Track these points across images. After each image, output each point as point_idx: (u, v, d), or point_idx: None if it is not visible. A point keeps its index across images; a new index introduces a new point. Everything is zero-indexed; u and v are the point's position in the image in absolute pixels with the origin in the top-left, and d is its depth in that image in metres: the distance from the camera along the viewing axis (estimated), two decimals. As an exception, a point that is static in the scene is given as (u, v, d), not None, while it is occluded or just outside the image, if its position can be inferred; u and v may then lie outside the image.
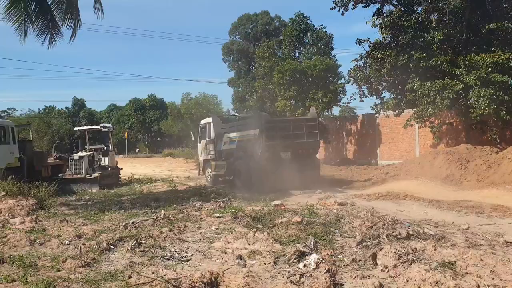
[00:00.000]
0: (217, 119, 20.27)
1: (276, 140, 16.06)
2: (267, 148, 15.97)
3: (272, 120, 18.15)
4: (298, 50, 30.20)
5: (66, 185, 17.78)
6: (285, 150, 16.34)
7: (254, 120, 17.33)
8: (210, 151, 20.04)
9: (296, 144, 16.46)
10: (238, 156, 17.61)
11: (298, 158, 16.37)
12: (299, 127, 16.84)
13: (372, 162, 27.04)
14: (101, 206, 13.22)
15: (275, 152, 16.12)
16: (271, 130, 16.26)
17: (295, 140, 16.41)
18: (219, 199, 12.67)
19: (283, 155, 16.34)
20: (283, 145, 16.22)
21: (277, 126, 16.87)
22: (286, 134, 16.35)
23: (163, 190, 17.27)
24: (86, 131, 21.12)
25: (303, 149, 16.76)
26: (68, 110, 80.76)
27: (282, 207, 10.58)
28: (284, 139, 16.22)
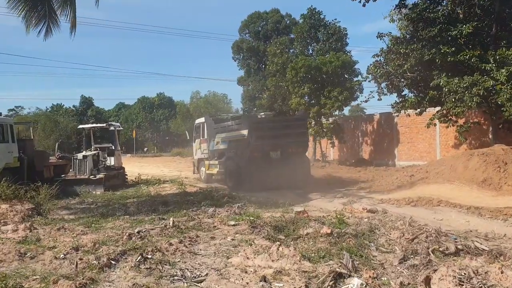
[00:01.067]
0: (210, 119, 20.43)
1: (265, 140, 16.38)
2: (256, 148, 16.33)
3: (261, 120, 18.25)
4: (311, 46, 28.98)
5: (69, 187, 16.81)
6: (274, 149, 16.60)
7: (243, 120, 17.53)
8: (203, 151, 20.56)
9: (285, 144, 16.67)
10: (229, 156, 17.80)
11: (288, 157, 16.62)
12: (288, 126, 17.29)
13: (389, 163, 25.88)
14: (104, 210, 12.18)
15: (265, 152, 16.47)
16: (259, 130, 16.48)
17: (284, 139, 16.64)
18: (233, 204, 11.56)
19: (273, 154, 16.62)
20: (273, 145, 16.52)
21: (265, 126, 17.08)
22: (275, 134, 16.63)
23: (172, 193, 16.19)
24: (91, 129, 20.10)
25: (293, 148, 16.95)
26: (76, 108, 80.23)
27: (305, 215, 9.44)
28: (273, 138, 16.53)
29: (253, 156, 16.39)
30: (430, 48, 17.10)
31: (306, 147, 18.05)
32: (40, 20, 12.57)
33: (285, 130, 16.91)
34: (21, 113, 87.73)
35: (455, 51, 16.51)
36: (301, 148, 17.51)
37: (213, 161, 19.36)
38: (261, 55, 67.39)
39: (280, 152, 16.68)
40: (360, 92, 25.62)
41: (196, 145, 21.65)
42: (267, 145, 16.48)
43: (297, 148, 17.17)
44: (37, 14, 12.22)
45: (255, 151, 16.39)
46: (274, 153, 16.65)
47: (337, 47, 27.75)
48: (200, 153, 21.10)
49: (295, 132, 17.08)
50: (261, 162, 16.22)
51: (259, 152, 16.42)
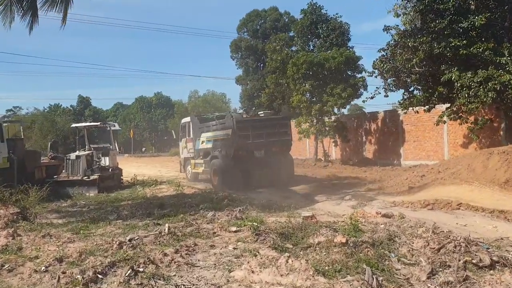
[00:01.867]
0: (195, 118, 20.65)
1: (249, 139, 16.57)
2: (240, 147, 16.49)
3: (244, 120, 18.09)
4: (311, 42, 28.09)
5: (61, 188, 16.00)
6: (258, 148, 16.88)
7: (227, 120, 17.48)
8: (189, 150, 20.82)
9: (269, 143, 16.96)
10: (214, 155, 17.92)
11: (272, 156, 16.99)
12: (271, 126, 17.35)
13: (394, 162, 25.04)
14: (96, 214, 11.36)
15: (249, 151, 16.70)
16: (243, 129, 16.62)
17: (268, 138, 16.90)
18: (234, 207, 10.71)
19: (257, 153, 16.91)
20: (257, 144, 16.72)
21: (249, 125, 17.12)
22: (259, 133, 16.81)
23: (169, 194, 15.34)
24: (86, 128, 19.22)
25: (276, 147, 17.23)
26: (73, 108, 79.33)
27: (313, 220, 8.60)
28: (257, 138, 16.71)
29: (238, 154, 16.56)
30: (440, 41, 16.25)
31: (289, 146, 18.12)
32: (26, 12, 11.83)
33: (269, 130, 17.09)
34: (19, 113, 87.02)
35: (467, 44, 15.67)
36: (285, 147, 17.71)
37: (199, 160, 19.54)
38: (259, 54, 66.50)
39: (264, 151, 16.98)
40: (364, 89, 24.78)
41: (182, 144, 21.91)
42: (251, 144, 16.65)
43: (281, 147, 17.43)
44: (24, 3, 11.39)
45: (239, 150, 16.53)
46: (258, 152, 16.94)
47: (338, 42, 26.87)
48: (186, 152, 21.35)
49: (279, 131, 17.34)
50: (246, 160, 16.54)
51: (243, 151, 16.61)
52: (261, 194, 14.80)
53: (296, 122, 26.04)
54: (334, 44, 26.51)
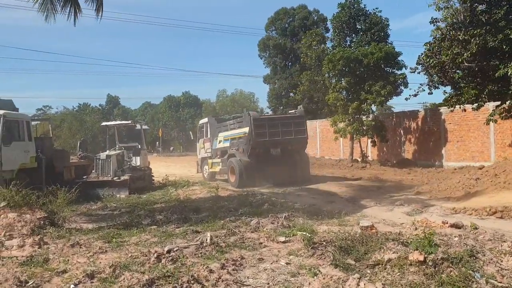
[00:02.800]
0: (213, 119, 21.36)
1: (265, 137, 17.06)
2: (257, 145, 16.95)
3: (261, 118, 18.46)
4: (349, 37, 26.89)
5: (91, 189, 15.35)
6: (274, 146, 17.37)
7: (245, 118, 17.79)
8: (207, 150, 21.22)
9: (285, 141, 17.40)
10: (231, 153, 18.29)
11: (287, 154, 17.50)
12: (287, 124, 17.72)
13: (436, 163, 23.75)
14: (128, 218, 10.58)
15: (265, 149, 17.21)
16: (260, 127, 17.08)
17: (284, 137, 17.33)
18: (276, 213, 9.77)
19: (273, 151, 17.41)
20: (273, 142, 17.21)
21: (266, 123, 17.53)
22: (275, 131, 17.25)
23: (203, 197, 14.54)
24: (116, 127, 18.59)
25: (292, 146, 17.68)
26: (102, 107, 79.64)
27: (372, 230, 7.60)
28: (273, 136, 17.18)
29: (254, 152, 16.99)
30: (495, 33, 14.97)
31: (305, 144, 18.48)
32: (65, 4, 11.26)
33: (285, 128, 17.45)
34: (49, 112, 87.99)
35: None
36: (300, 145, 18.13)
37: (216, 159, 20.00)
38: (287, 52, 65.49)
39: (280, 149, 17.47)
40: (404, 86, 23.48)
41: (200, 144, 22.36)
42: (267, 141, 17.13)
43: (297, 145, 17.87)
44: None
45: (256, 148, 16.97)
46: (274, 149, 17.42)
47: (378, 38, 25.61)
48: (204, 152, 21.75)
49: (295, 129, 17.62)
50: (262, 158, 16.99)
51: (260, 149, 17.06)
52: (302, 197, 13.87)
53: (331, 121, 24.97)
54: (373, 39, 25.26)
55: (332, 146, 32.38)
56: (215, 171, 20.18)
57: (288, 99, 30.93)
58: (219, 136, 19.74)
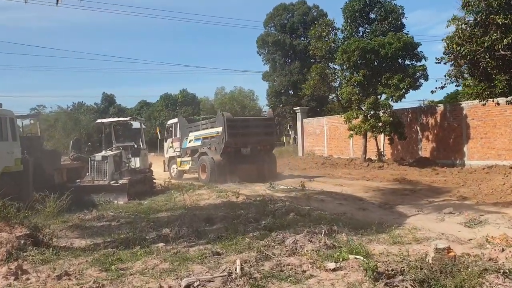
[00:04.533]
0: (183, 119, 22.34)
1: (237, 137, 18.29)
2: (229, 144, 18.02)
3: (234, 119, 19.43)
4: (362, 28, 25.09)
5: (85, 195, 13.57)
6: (245, 146, 18.54)
7: (218, 119, 18.95)
8: (175, 149, 21.89)
9: (255, 141, 18.76)
10: (202, 152, 19.18)
11: (257, 153, 18.82)
12: (258, 126, 19.45)
13: (457, 162, 22.10)
14: (129, 233, 8.75)
15: (236, 148, 18.35)
16: (233, 128, 18.22)
17: (254, 137, 18.72)
18: (313, 227, 8.00)
19: (244, 150, 18.55)
20: (244, 142, 18.50)
21: (238, 124, 18.95)
22: (246, 132, 18.62)
23: (213, 203, 12.77)
24: (112, 124, 16.80)
25: (261, 146, 19.03)
26: (97, 106, 77.68)
27: (450, 254, 5.86)
28: (245, 136, 18.51)
29: (226, 151, 18.05)
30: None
31: (273, 146, 20.22)
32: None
33: (255, 129, 18.97)
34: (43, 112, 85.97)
35: None
36: (269, 145, 19.61)
37: (185, 158, 20.95)
38: (287, 49, 63.76)
39: (250, 148, 18.65)
40: (425, 79, 21.70)
41: (168, 144, 22.94)
42: (239, 141, 18.35)
43: (265, 145, 19.27)
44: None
45: (228, 146, 18.01)
46: (245, 149, 18.55)
47: (394, 28, 23.79)
48: (172, 151, 22.39)
49: (264, 131, 19.25)
50: (233, 156, 18.17)
51: (231, 148, 18.13)
52: (326, 203, 12.14)
53: (345, 117, 23.20)
54: (389, 29, 23.46)
55: (341, 144, 30.66)
56: (184, 169, 21.06)
57: (304, 91, 29.03)
58: (189, 135, 20.75)
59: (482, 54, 15.51)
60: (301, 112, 35.74)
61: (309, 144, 34.58)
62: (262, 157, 18.89)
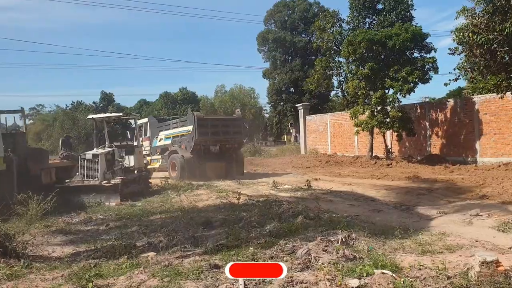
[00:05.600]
0: (154, 119, 22.77)
1: (207, 135, 18.85)
2: (200, 142, 18.57)
3: (204, 118, 20.12)
4: (368, 19, 23.96)
5: (74, 196, 12.54)
6: (214, 144, 19.14)
7: (189, 118, 19.50)
8: (145, 148, 21.58)
9: (223, 140, 19.36)
10: (173, 150, 19.79)
11: (225, 151, 19.47)
12: (226, 125, 19.92)
13: (468, 159, 21.06)
14: (117, 239, 7.72)
15: (206, 146, 18.93)
16: (203, 127, 18.75)
17: (223, 136, 19.34)
18: (327, 233, 6.97)
19: (213, 148, 19.11)
20: (213, 140, 19.10)
21: (208, 124, 19.41)
22: (215, 131, 19.22)
23: (212, 204, 11.74)
24: (104, 120, 15.76)
25: (230, 144, 19.58)
26: (96, 105, 76.77)
27: (499, 268, 4.82)
28: (214, 135, 19.13)
29: (196, 149, 18.56)
30: None
31: (241, 144, 20.96)
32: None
33: (224, 128, 19.56)
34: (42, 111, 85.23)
35: None
36: (237, 144, 20.15)
37: (155, 156, 21.53)
38: (288, 46, 62.73)
39: (219, 146, 19.23)
40: (434, 71, 20.61)
41: None
42: (209, 139, 18.93)
43: (234, 144, 19.81)
44: None
45: (198, 144, 18.54)
46: (214, 147, 19.10)
47: (402, 19, 22.63)
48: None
49: (233, 130, 19.71)
50: (203, 154, 18.69)
51: (201, 146, 18.67)
52: (336, 203, 11.10)
53: (351, 112, 22.13)
54: (397, 21, 22.33)
55: (345, 141, 29.64)
56: (154, 167, 20.95)
57: (308, 86, 27.89)
58: (160, 134, 21.35)
59: (501, 43, 14.47)
60: (303, 109, 34.70)
61: (312, 142, 33.55)
62: (230, 155, 19.66)
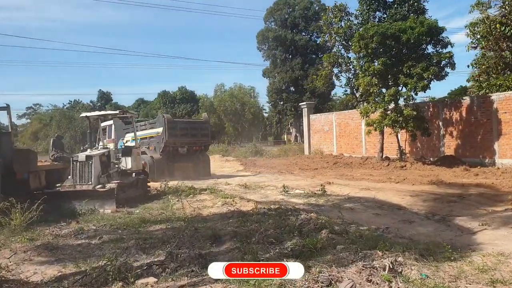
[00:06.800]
0: (119, 121, 22.15)
1: (176, 137, 19.55)
2: (169, 143, 19.19)
3: (174, 121, 20.82)
4: (379, 12, 22.74)
5: (65, 202, 11.30)
6: (182, 146, 19.90)
7: (159, 120, 20.19)
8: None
9: (191, 142, 20.28)
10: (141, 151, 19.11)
11: (192, 153, 20.39)
12: (194, 128, 20.97)
13: (486, 161, 19.90)
14: (110, 255, 6.49)
15: (175, 147, 19.61)
16: (172, 129, 19.44)
17: (191, 138, 20.28)
18: (363, 254, 5.75)
19: (181, 150, 19.85)
20: (181, 142, 19.85)
21: (177, 126, 20.09)
22: (184, 133, 20.00)
23: (219, 212, 10.52)
24: (100, 118, 14.52)
25: (197, 146, 20.63)
26: (93, 104, 75.64)
27: None
28: (183, 137, 19.91)
29: (166, 150, 19.19)
30: None
31: (207, 146, 21.97)
32: None
33: (192, 131, 20.52)
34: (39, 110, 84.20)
35: None
36: (203, 146, 21.22)
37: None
38: (288, 45, 61.50)
39: (187, 148, 20.06)
40: (451, 67, 19.39)
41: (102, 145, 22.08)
42: (177, 141, 19.63)
43: (200, 146, 20.86)
44: None
45: (167, 146, 19.14)
46: (182, 149, 19.87)
47: (414, 12, 21.45)
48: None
49: (200, 133, 20.78)
50: (171, 155, 19.40)
51: (170, 147, 19.33)
52: (359, 213, 9.88)
53: (362, 111, 20.92)
54: (409, 14, 21.13)
55: (351, 141, 28.44)
56: None
57: (316, 82, 26.69)
58: (126, 136, 21.24)
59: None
60: (307, 108, 33.49)
61: (316, 142, 32.34)
62: (197, 156, 20.56)
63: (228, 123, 64.45)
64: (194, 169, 19.78)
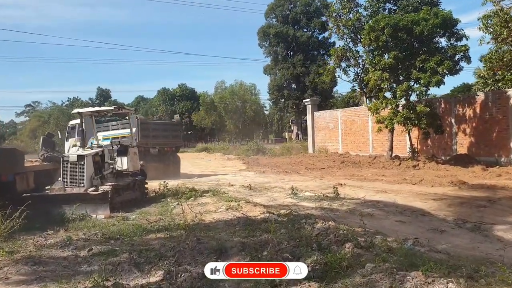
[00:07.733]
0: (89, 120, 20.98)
1: (148, 138, 19.95)
2: (141, 144, 18.74)
3: (147, 122, 21.41)
4: (390, 3, 21.72)
5: (55, 207, 10.31)
6: (154, 146, 20.29)
7: (131, 120, 18.62)
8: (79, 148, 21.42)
9: (163, 142, 20.71)
10: None
11: (163, 154, 20.73)
12: (166, 129, 21.52)
13: (502, 160, 18.95)
14: (100, 270, 5.51)
15: (146, 148, 19.63)
16: (145, 130, 19.87)
17: (162, 139, 20.75)
18: (401, 276, 4.77)
19: (152, 150, 20.18)
20: (153, 142, 20.26)
21: (150, 127, 20.64)
22: (156, 134, 20.55)
23: (223, 218, 9.49)
24: (93, 115, 13.51)
25: (168, 147, 21.12)
26: (92, 101, 74.71)
27: None
28: (154, 138, 20.38)
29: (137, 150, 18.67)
30: None
31: (179, 148, 22.52)
32: None
33: (164, 132, 21.06)
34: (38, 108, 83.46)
35: None
36: (174, 148, 21.76)
37: None
38: (289, 41, 60.59)
39: (158, 149, 20.45)
40: (467, 61, 18.39)
41: (70, 143, 22.69)
42: (149, 142, 20.03)
43: (171, 147, 21.39)
44: None
45: (139, 146, 17.88)
46: (153, 149, 20.27)
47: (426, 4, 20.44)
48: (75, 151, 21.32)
49: (172, 134, 21.42)
50: (142, 156, 18.13)
51: (142, 147, 18.75)
52: (380, 220, 8.86)
53: (371, 107, 19.92)
54: (421, 5, 20.12)
55: (358, 139, 27.43)
56: None
57: (323, 78, 25.71)
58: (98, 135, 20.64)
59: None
60: (311, 105, 32.48)
61: (321, 140, 31.33)
62: (168, 157, 20.88)
63: (228, 121, 63.55)
64: (164, 169, 19.80)
